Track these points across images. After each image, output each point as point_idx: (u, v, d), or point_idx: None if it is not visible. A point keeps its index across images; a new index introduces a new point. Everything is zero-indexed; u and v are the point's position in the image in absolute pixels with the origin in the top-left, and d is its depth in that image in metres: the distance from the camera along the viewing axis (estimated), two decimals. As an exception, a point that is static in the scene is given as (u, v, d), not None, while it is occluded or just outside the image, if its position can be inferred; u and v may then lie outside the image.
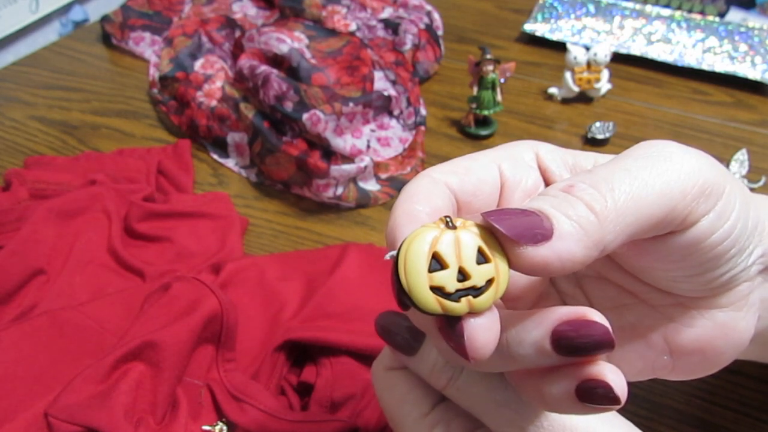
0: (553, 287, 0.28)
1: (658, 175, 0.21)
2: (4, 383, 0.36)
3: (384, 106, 0.59)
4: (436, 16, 0.77)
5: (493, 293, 0.19)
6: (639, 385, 0.40)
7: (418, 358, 0.26)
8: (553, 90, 0.68)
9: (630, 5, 0.75)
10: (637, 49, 0.73)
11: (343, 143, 0.55)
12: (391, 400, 0.27)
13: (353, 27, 0.68)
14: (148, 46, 0.75)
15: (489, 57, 0.60)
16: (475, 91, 0.62)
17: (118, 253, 0.47)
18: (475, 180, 0.25)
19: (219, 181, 0.59)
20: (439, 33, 0.75)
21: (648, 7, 0.75)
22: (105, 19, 0.77)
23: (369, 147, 0.58)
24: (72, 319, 0.40)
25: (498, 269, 0.19)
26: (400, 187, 0.57)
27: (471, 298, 0.19)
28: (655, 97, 0.69)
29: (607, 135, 0.62)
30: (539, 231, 0.19)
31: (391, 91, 0.60)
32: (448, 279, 0.19)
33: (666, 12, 0.74)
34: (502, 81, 0.61)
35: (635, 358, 0.26)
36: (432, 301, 0.19)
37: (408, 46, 0.68)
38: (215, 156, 0.61)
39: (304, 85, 0.56)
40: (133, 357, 0.37)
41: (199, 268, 0.46)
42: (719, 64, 0.70)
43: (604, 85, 0.66)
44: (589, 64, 0.65)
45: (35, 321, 0.40)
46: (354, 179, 0.55)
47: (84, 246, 0.46)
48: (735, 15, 0.76)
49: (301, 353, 0.41)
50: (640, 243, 0.23)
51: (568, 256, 0.19)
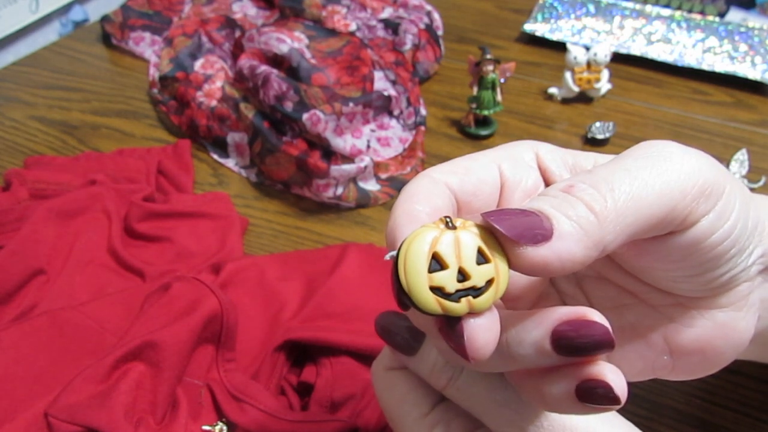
0: (553, 287, 0.28)
1: (658, 175, 0.21)
2: (4, 383, 0.36)
3: (384, 106, 0.59)
4: (436, 16, 0.77)
5: (493, 293, 0.19)
6: (639, 385, 0.40)
7: (418, 358, 0.26)
8: (553, 90, 0.68)
9: (630, 5, 0.75)
10: (637, 49, 0.73)
11: (343, 143, 0.55)
12: (391, 400, 0.27)
13: (353, 27, 0.68)
14: (148, 46, 0.75)
15: (489, 57, 0.60)
16: (475, 91, 0.62)
17: (118, 253, 0.47)
18: (475, 180, 0.25)
19: (219, 181, 0.59)
20: (439, 33, 0.75)
21: (648, 7, 0.75)
22: (105, 19, 0.77)
23: (369, 147, 0.58)
24: (72, 319, 0.40)
25: (498, 269, 0.19)
26: (400, 187, 0.57)
27: (471, 298, 0.19)
28: (655, 97, 0.69)
29: (607, 135, 0.62)
30: (539, 231, 0.19)
31: (391, 91, 0.60)
32: (448, 279, 0.19)
33: (666, 12, 0.74)
34: (502, 81, 0.61)
35: (635, 358, 0.26)
36: (432, 302, 0.19)
37: (408, 46, 0.68)
38: (215, 156, 0.61)
39: (304, 85, 0.56)
40: (133, 357, 0.37)
41: (199, 268, 0.46)
42: (719, 64, 0.70)
43: (604, 85, 0.66)
44: (589, 64, 0.65)
45: (35, 321, 0.40)
46: (354, 179, 0.55)
47: (84, 246, 0.46)
48: (735, 15, 0.76)
49: (301, 353, 0.41)
50: (640, 243, 0.23)
51: (568, 256, 0.19)
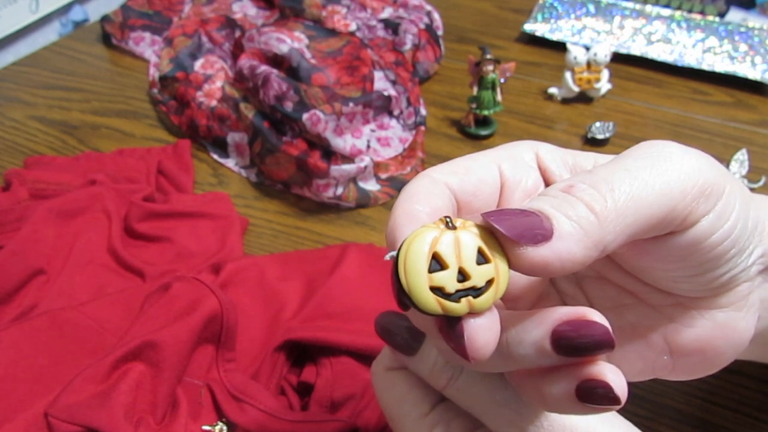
0: (553, 287, 0.28)
1: (658, 175, 0.21)
2: (4, 383, 0.36)
3: (384, 106, 0.59)
4: (436, 16, 0.77)
5: (493, 293, 0.19)
6: (639, 385, 0.40)
7: (418, 358, 0.26)
8: (553, 90, 0.68)
9: (630, 5, 0.75)
10: (637, 49, 0.73)
11: (343, 143, 0.55)
12: (391, 400, 0.27)
13: (353, 27, 0.68)
14: (148, 46, 0.75)
15: (489, 57, 0.60)
16: (475, 91, 0.62)
17: (118, 253, 0.47)
18: (475, 180, 0.25)
19: (219, 181, 0.59)
20: (439, 33, 0.75)
21: (648, 7, 0.75)
22: (105, 19, 0.77)
23: (369, 147, 0.58)
24: (72, 319, 0.40)
25: (498, 269, 0.19)
26: (400, 187, 0.57)
27: (471, 298, 0.19)
28: (655, 97, 0.69)
29: (607, 135, 0.62)
30: (539, 231, 0.19)
31: (391, 91, 0.60)
32: (448, 279, 0.19)
33: (666, 12, 0.74)
34: (502, 81, 0.61)
35: (635, 359, 0.26)
36: (432, 302, 0.19)
37: (408, 46, 0.68)
38: (215, 156, 0.61)
39: (304, 85, 0.56)
40: (133, 357, 0.37)
41: (199, 268, 0.46)
42: (719, 64, 0.70)
43: (604, 85, 0.66)
44: (589, 64, 0.65)
45: (35, 321, 0.40)
46: (354, 179, 0.55)
47: (84, 246, 0.46)
48: (735, 15, 0.76)
49: (301, 353, 0.41)
50: (640, 243, 0.23)
51: (568, 256, 0.19)
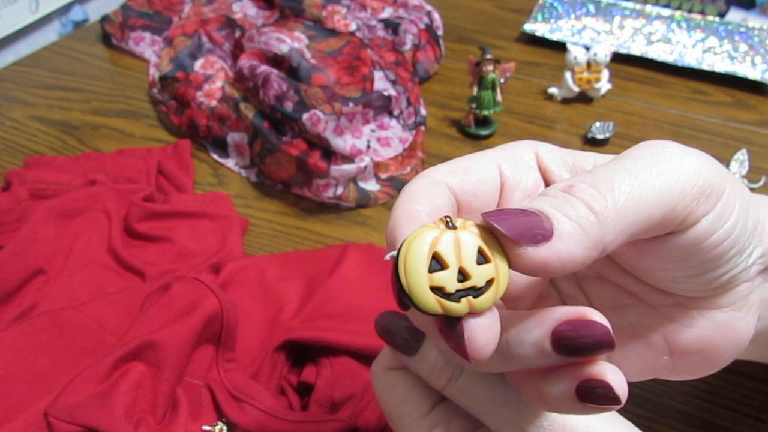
0: (553, 287, 0.28)
1: (658, 175, 0.21)
2: (4, 383, 0.36)
3: (384, 106, 0.59)
4: (436, 16, 0.77)
5: (493, 293, 0.19)
6: (639, 385, 0.40)
7: (418, 358, 0.26)
8: (553, 90, 0.68)
9: (630, 5, 0.75)
10: (637, 49, 0.73)
11: (343, 143, 0.55)
12: (391, 400, 0.27)
13: (353, 27, 0.68)
14: (148, 46, 0.75)
15: (489, 57, 0.60)
16: (475, 91, 0.62)
17: (118, 253, 0.47)
18: (475, 180, 0.25)
19: (219, 181, 0.59)
20: (439, 33, 0.75)
21: (648, 7, 0.75)
22: (105, 19, 0.77)
23: (369, 147, 0.58)
24: (72, 319, 0.40)
25: (498, 269, 0.19)
26: (400, 187, 0.57)
27: (471, 298, 0.19)
28: (655, 97, 0.69)
29: (607, 135, 0.62)
30: (539, 231, 0.19)
31: (391, 91, 0.60)
32: (448, 279, 0.19)
33: (666, 12, 0.74)
34: (502, 81, 0.61)
35: (635, 358, 0.26)
36: (432, 302, 0.19)
37: (408, 46, 0.68)
38: (215, 156, 0.61)
39: (304, 85, 0.56)
40: (133, 357, 0.37)
41: (199, 268, 0.45)
42: (719, 64, 0.70)
43: (604, 85, 0.66)
44: (589, 64, 0.65)
45: (35, 321, 0.40)
46: (354, 179, 0.55)
47: (84, 246, 0.46)
48: (735, 15, 0.76)
49: (301, 353, 0.41)
50: (640, 243, 0.23)
51: (568, 256, 0.19)
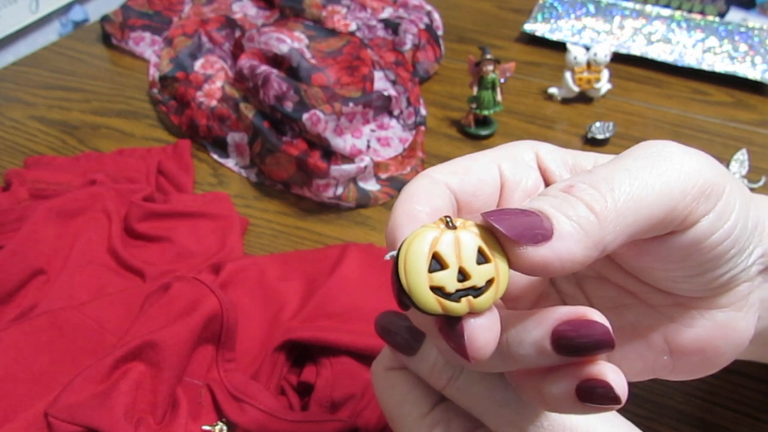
0: (553, 287, 0.28)
1: (658, 175, 0.21)
2: (4, 383, 0.36)
3: (384, 106, 0.59)
4: (436, 16, 0.77)
5: (493, 293, 0.19)
6: (639, 385, 0.40)
7: (418, 358, 0.26)
8: (553, 90, 0.68)
9: (630, 5, 0.75)
10: (637, 49, 0.73)
11: (343, 143, 0.55)
12: (391, 400, 0.27)
13: (353, 27, 0.68)
14: (148, 46, 0.75)
15: (489, 57, 0.60)
16: (475, 91, 0.62)
17: (118, 253, 0.47)
18: (475, 180, 0.25)
19: (219, 181, 0.59)
20: (439, 33, 0.75)
21: (648, 7, 0.75)
22: (105, 19, 0.77)
23: (369, 147, 0.58)
24: (72, 319, 0.40)
25: (498, 269, 0.19)
26: (400, 187, 0.57)
27: (471, 298, 0.19)
28: (655, 97, 0.69)
29: (607, 135, 0.62)
30: (539, 231, 0.19)
31: (391, 91, 0.60)
32: (448, 279, 0.19)
33: (666, 12, 0.74)
34: (502, 81, 0.61)
35: (635, 358, 0.26)
36: (432, 301, 0.19)
37: (408, 46, 0.68)
38: (215, 156, 0.61)
39: (304, 85, 0.56)
40: (133, 357, 0.37)
41: (199, 268, 0.45)
42: (719, 64, 0.70)
43: (604, 85, 0.66)
44: (589, 64, 0.65)
45: (35, 321, 0.40)
46: (354, 179, 0.55)
47: (84, 246, 0.46)
48: (735, 15, 0.76)
49: (301, 353, 0.41)
50: (640, 243, 0.23)
51: (568, 256, 0.19)
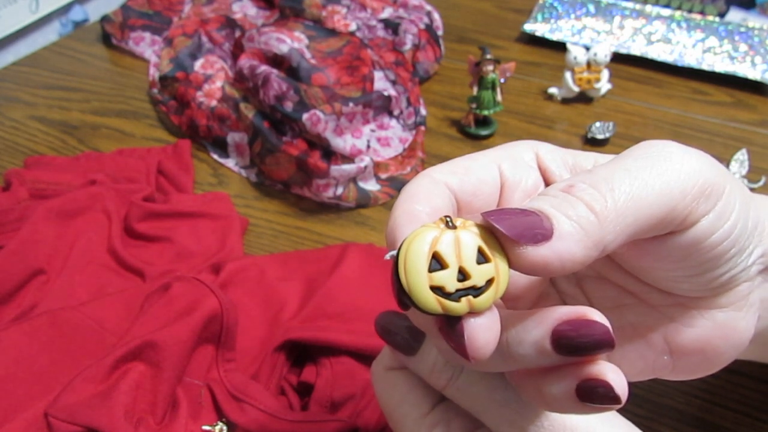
0: (553, 287, 0.28)
1: (659, 175, 0.21)
2: (4, 383, 0.36)
3: (384, 106, 0.59)
4: (436, 16, 0.77)
5: (494, 293, 0.19)
6: (639, 385, 0.40)
7: (418, 358, 0.26)
8: (553, 90, 0.68)
9: (630, 5, 0.75)
10: (637, 49, 0.73)
11: (343, 143, 0.55)
12: (391, 400, 0.27)
13: (353, 27, 0.68)
14: (148, 46, 0.75)
15: (489, 57, 0.60)
16: (475, 91, 0.62)
17: (118, 253, 0.47)
18: (475, 180, 0.25)
19: (219, 181, 0.59)
20: (439, 33, 0.75)
21: (648, 7, 0.75)
22: (105, 19, 0.77)
23: (369, 147, 0.58)
24: (72, 319, 0.40)
25: (498, 269, 0.19)
26: (400, 187, 0.57)
27: (471, 297, 0.19)
28: (655, 97, 0.69)
29: (607, 135, 0.62)
30: (539, 231, 0.19)
31: (391, 91, 0.60)
32: (448, 279, 0.19)
33: (666, 12, 0.74)
34: (502, 81, 0.61)
35: (635, 358, 0.26)
36: (432, 301, 0.19)
37: (408, 46, 0.68)
38: (215, 156, 0.61)
39: (304, 85, 0.56)
40: (133, 357, 0.37)
41: (199, 268, 0.45)
42: (719, 64, 0.70)
43: (604, 85, 0.66)
44: (589, 64, 0.65)
45: (35, 321, 0.40)
46: (354, 179, 0.55)
47: (84, 246, 0.46)
48: (735, 15, 0.76)
49: (301, 353, 0.41)
50: (640, 243, 0.23)
51: (568, 256, 0.19)
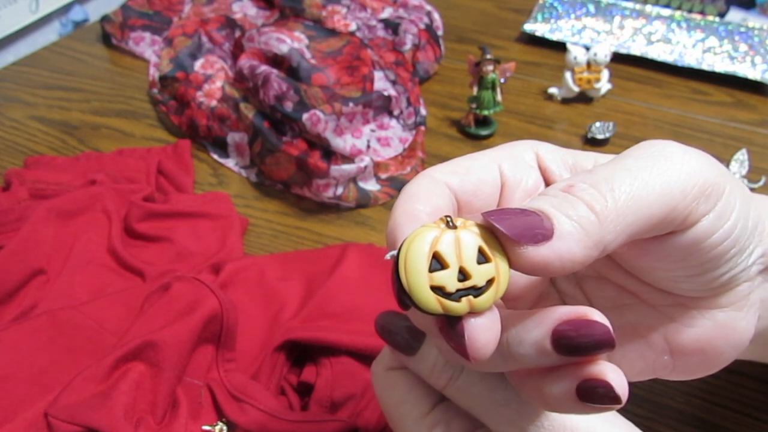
0: (554, 287, 0.28)
1: (659, 175, 0.21)
2: (4, 383, 0.36)
3: (384, 106, 0.59)
4: (436, 16, 0.77)
5: (494, 293, 0.19)
6: (639, 385, 0.40)
7: (418, 358, 0.26)
8: (553, 90, 0.68)
9: (630, 5, 0.75)
10: (637, 49, 0.73)
11: (343, 143, 0.55)
12: (391, 400, 0.27)
13: (353, 27, 0.68)
14: (148, 46, 0.75)
15: (489, 57, 0.60)
16: (475, 91, 0.62)
17: (118, 253, 0.47)
18: (475, 180, 0.25)
19: (219, 181, 0.59)
20: (439, 33, 0.75)
21: (648, 7, 0.75)
22: (105, 19, 0.77)
23: (369, 147, 0.58)
24: (72, 319, 0.40)
25: (498, 269, 0.19)
26: (400, 187, 0.57)
27: (471, 297, 0.19)
28: (655, 97, 0.69)
29: (607, 135, 0.62)
30: (540, 231, 0.19)
31: (391, 91, 0.60)
32: (448, 279, 0.19)
33: (666, 12, 0.74)
34: (502, 81, 0.61)
35: (636, 358, 0.26)
36: (432, 301, 0.19)
37: (408, 46, 0.68)
38: (215, 156, 0.61)
39: (304, 85, 0.56)
40: (133, 357, 0.37)
41: (199, 268, 0.45)
42: (719, 64, 0.70)
43: (604, 85, 0.66)
44: (589, 64, 0.65)
45: (35, 321, 0.40)
46: (354, 179, 0.55)
47: (84, 246, 0.46)
48: (735, 15, 0.76)
49: (301, 353, 0.41)
50: (640, 243, 0.23)
51: (568, 256, 0.19)
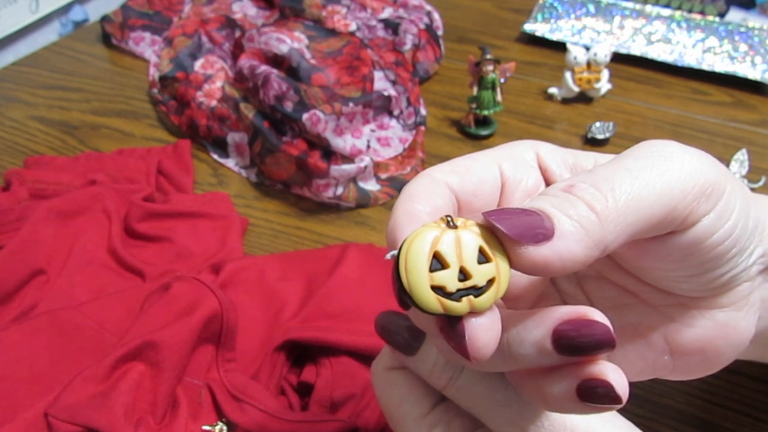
0: (554, 287, 0.28)
1: (659, 174, 0.21)
2: (4, 383, 0.36)
3: (384, 106, 0.59)
4: (436, 16, 0.77)
5: (494, 293, 0.19)
6: (639, 385, 0.40)
7: (418, 358, 0.26)
8: (553, 90, 0.68)
9: (630, 5, 0.75)
10: (637, 49, 0.73)
11: (343, 143, 0.55)
12: (391, 400, 0.27)
13: (353, 27, 0.68)
14: (148, 46, 0.75)
15: (489, 57, 0.60)
16: (475, 91, 0.62)
17: (118, 253, 0.47)
18: (475, 180, 0.25)
19: (219, 181, 0.59)
20: (439, 33, 0.75)
21: (648, 7, 0.75)
22: (105, 19, 0.77)
23: (369, 147, 0.58)
24: (72, 319, 0.40)
25: (499, 269, 0.19)
26: (400, 187, 0.57)
27: (472, 297, 0.19)
28: (655, 97, 0.69)
29: (607, 135, 0.62)
30: (540, 231, 0.19)
31: (391, 91, 0.60)
32: (449, 278, 0.19)
33: (666, 12, 0.74)
34: (502, 81, 0.61)
35: (636, 358, 0.26)
36: (433, 301, 0.19)
37: (408, 46, 0.68)
38: (215, 156, 0.61)
39: (304, 85, 0.56)
40: (133, 357, 0.37)
41: (199, 268, 0.45)
42: (719, 64, 0.70)
43: (604, 85, 0.66)
44: (589, 64, 0.65)
45: (35, 321, 0.40)
46: (354, 179, 0.55)
47: (84, 246, 0.46)
48: (735, 15, 0.76)
49: (301, 353, 0.41)
50: (640, 243, 0.23)
51: (569, 255, 0.19)
